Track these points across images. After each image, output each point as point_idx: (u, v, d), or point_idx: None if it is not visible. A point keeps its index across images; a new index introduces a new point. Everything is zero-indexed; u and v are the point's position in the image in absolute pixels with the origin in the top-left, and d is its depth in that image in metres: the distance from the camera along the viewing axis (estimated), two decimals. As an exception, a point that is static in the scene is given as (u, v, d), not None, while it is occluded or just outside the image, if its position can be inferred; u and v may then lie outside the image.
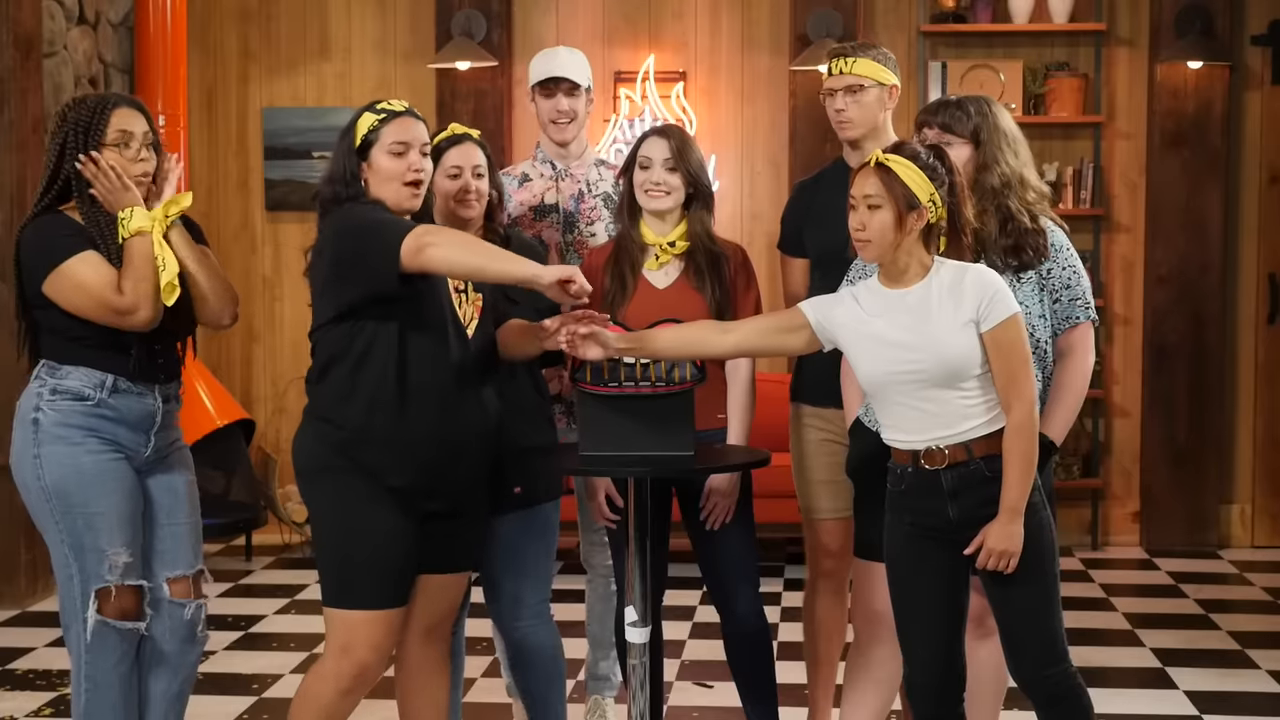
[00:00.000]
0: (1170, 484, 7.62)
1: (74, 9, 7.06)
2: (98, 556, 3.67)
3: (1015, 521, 3.35)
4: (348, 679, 3.56)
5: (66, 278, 3.62)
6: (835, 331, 3.50)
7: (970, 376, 3.37)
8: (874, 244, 3.39)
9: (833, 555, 4.21)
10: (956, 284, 3.38)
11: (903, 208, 3.36)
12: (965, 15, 7.63)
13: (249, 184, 7.99)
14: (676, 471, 3.86)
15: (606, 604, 4.63)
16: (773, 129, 7.74)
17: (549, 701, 4.01)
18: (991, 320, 3.35)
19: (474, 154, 3.95)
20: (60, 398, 3.68)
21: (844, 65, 4.10)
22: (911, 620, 3.49)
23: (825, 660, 4.34)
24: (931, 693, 3.50)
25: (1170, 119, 7.51)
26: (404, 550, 3.55)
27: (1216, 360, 7.62)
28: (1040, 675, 3.45)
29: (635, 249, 4.06)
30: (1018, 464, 3.35)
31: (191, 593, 3.84)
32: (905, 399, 3.40)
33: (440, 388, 3.53)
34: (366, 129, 3.58)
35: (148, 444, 3.76)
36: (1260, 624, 6.26)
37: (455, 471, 3.57)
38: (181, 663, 3.85)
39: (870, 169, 3.39)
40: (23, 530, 6.35)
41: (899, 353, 3.38)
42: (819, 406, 4.16)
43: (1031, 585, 3.41)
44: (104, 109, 3.68)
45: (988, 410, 3.39)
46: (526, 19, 7.81)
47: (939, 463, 3.40)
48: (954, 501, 3.40)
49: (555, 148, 4.60)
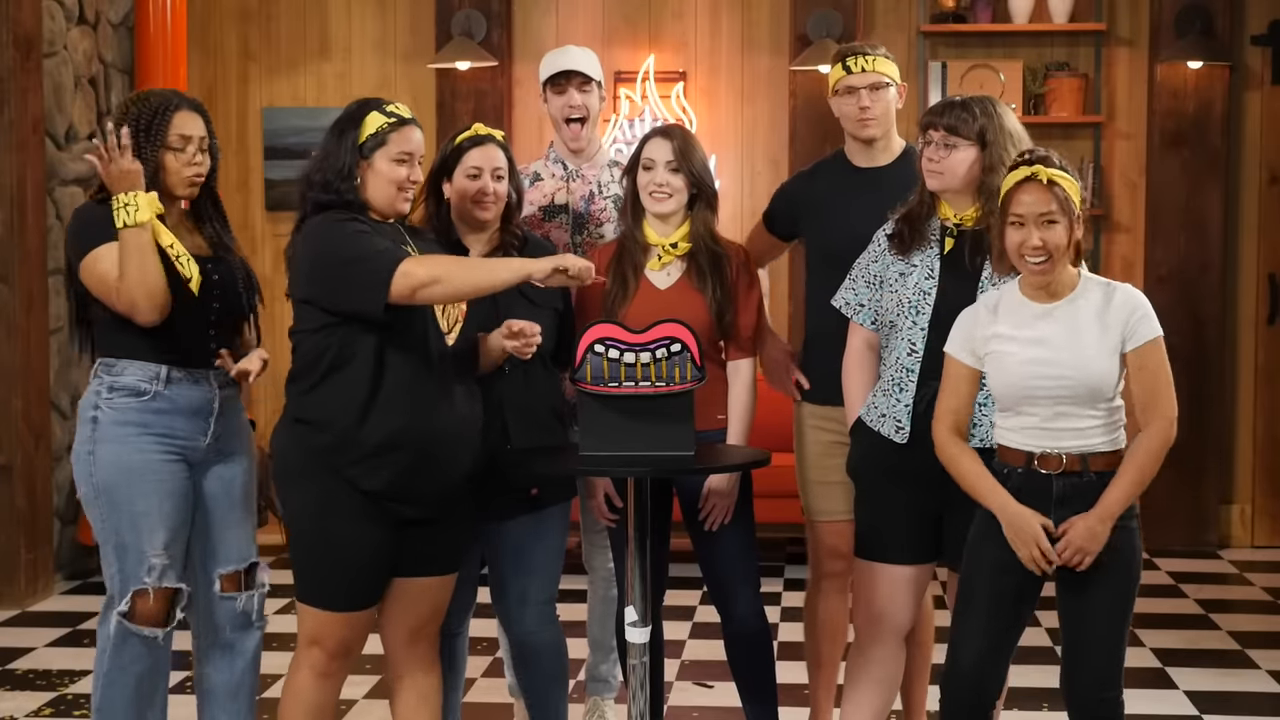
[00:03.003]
0: (1170, 484, 7.57)
1: (74, 9, 7.05)
2: (139, 558, 3.68)
3: (1105, 524, 3.37)
4: (322, 664, 3.59)
5: (90, 268, 3.65)
6: (984, 353, 3.50)
7: (1105, 399, 3.41)
8: (1053, 260, 3.40)
9: (837, 557, 4.21)
10: (1105, 304, 3.41)
11: (1074, 220, 3.39)
12: (965, 15, 7.63)
13: (249, 184, 7.99)
14: (676, 471, 3.86)
15: (607, 606, 4.62)
16: (773, 129, 7.74)
17: (551, 702, 4.00)
18: (1136, 340, 3.40)
19: (496, 155, 3.92)
20: (118, 395, 3.69)
21: (866, 63, 4.10)
22: (969, 614, 3.51)
23: (827, 661, 4.34)
24: (970, 693, 3.50)
25: (1170, 119, 7.51)
26: (375, 556, 3.55)
27: (1216, 360, 7.62)
28: (1097, 696, 3.46)
29: (638, 249, 4.06)
30: (1133, 474, 3.39)
31: (242, 585, 3.86)
32: (1038, 411, 3.42)
33: (418, 394, 3.51)
34: (375, 129, 3.57)
35: (207, 431, 3.76)
36: (1260, 624, 6.26)
37: (432, 478, 3.55)
38: (239, 650, 3.87)
39: (1041, 185, 3.39)
40: (23, 530, 6.36)
41: (1043, 368, 3.40)
42: (825, 405, 4.16)
43: (1110, 603, 3.43)
44: (166, 110, 3.69)
45: (1110, 430, 3.43)
46: (526, 19, 7.81)
47: (1054, 468, 3.42)
48: (1059, 509, 3.41)
49: (567, 149, 4.59)
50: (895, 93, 4.15)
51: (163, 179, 3.69)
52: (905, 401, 3.73)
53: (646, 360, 3.64)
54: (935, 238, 3.77)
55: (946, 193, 3.74)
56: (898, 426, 3.74)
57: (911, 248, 3.78)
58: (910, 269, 3.77)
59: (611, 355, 3.66)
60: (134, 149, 3.62)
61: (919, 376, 3.72)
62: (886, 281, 3.82)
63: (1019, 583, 3.46)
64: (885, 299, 3.81)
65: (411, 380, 3.51)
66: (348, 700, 5.18)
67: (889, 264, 3.82)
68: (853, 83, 4.11)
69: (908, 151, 4.20)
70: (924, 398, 3.70)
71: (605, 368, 3.65)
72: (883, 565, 3.82)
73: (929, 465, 3.65)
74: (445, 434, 3.56)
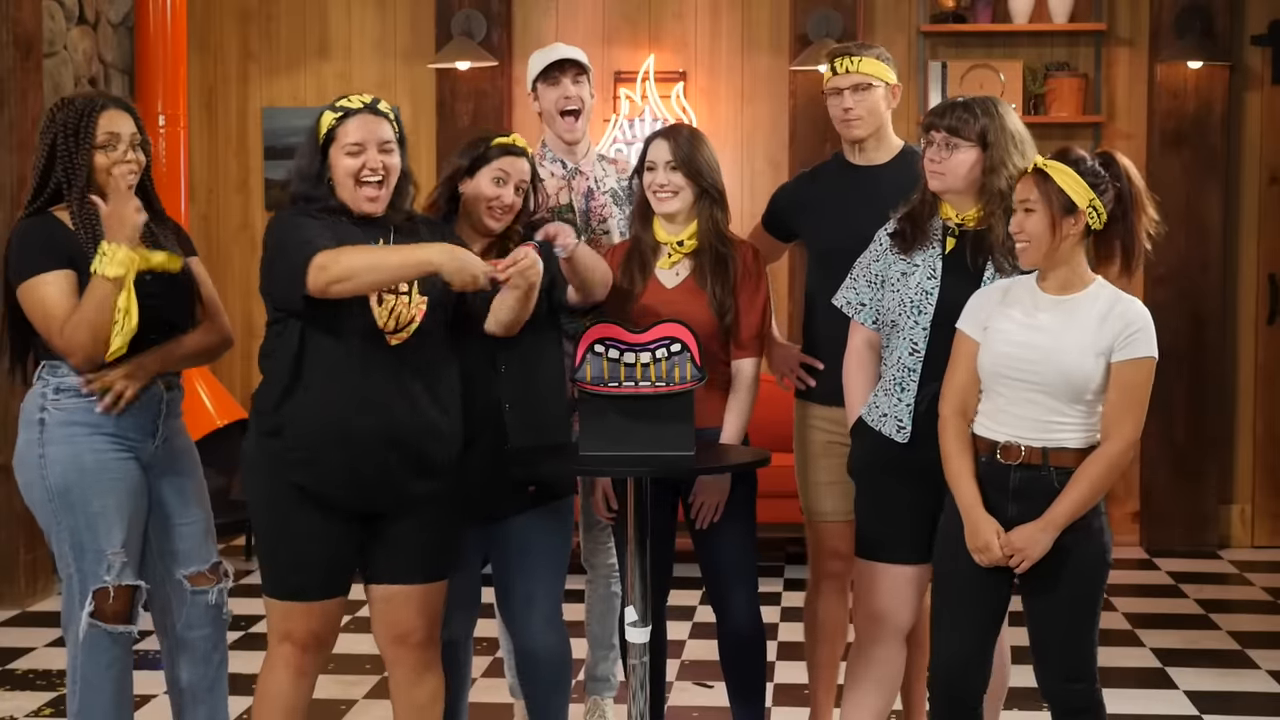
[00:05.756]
0: (1170, 484, 7.62)
1: (74, 9, 7.06)
2: (97, 557, 3.68)
3: (1048, 532, 3.40)
4: (295, 660, 3.58)
5: (30, 294, 3.64)
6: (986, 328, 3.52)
7: (1083, 400, 3.41)
8: (1030, 247, 3.43)
9: (838, 557, 4.21)
10: (1109, 309, 3.42)
11: (1057, 212, 3.39)
12: (965, 15, 7.63)
13: (249, 184, 7.99)
14: (676, 472, 3.86)
15: (607, 604, 4.62)
16: (773, 129, 7.74)
17: (552, 708, 3.97)
18: (1126, 353, 3.40)
19: (525, 169, 3.88)
20: (64, 395, 3.69)
21: (850, 64, 4.10)
22: (945, 608, 3.54)
23: (827, 661, 4.34)
24: (951, 686, 3.53)
25: (1170, 119, 7.51)
26: (327, 547, 3.53)
27: (1216, 360, 7.62)
28: (1064, 687, 3.49)
29: (648, 248, 4.07)
30: (1085, 487, 3.41)
31: (211, 580, 3.88)
32: (1011, 393, 3.44)
33: (341, 389, 3.47)
34: (326, 128, 3.57)
35: (155, 433, 3.77)
36: (1260, 624, 6.26)
37: (365, 474, 3.50)
38: (212, 647, 3.89)
39: (1028, 174, 3.44)
40: (23, 530, 6.35)
41: (1024, 350, 3.42)
42: (826, 405, 4.15)
43: (1070, 604, 3.46)
44: (91, 111, 3.68)
45: (1083, 432, 3.43)
46: (526, 19, 7.81)
47: (1013, 459, 3.44)
48: (1015, 501, 3.43)
49: (563, 146, 4.56)
50: (885, 92, 4.14)
51: (96, 179, 3.68)
52: (907, 401, 3.73)
53: (646, 360, 3.65)
54: (937, 237, 3.77)
55: (948, 193, 3.74)
56: (899, 426, 3.74)
57: (913, 247, 3.78)
58: (912, 268, 3.77)
59: (611, 355, 3.67)
60: (64, 153, 3.64)
61: (920, 376, 3.72)
62: (888, 281, 3.81)
63: (987, 576, 3.48)
64: (887, 298, 3.81)
65: (328, 377, 3.47)
66: (347, 700, 5.18)
67: (890, 263, 3.82)
68: (837, 84, 4.13)
69: (906, 151, 4.21)
70: (925, 397, 3.70)
71: (605, 368, 3.65)
72: (884, 565, 3.82)
73: (930, 465, 3.66)
74: (383, 430, 3.48)
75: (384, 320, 3.51)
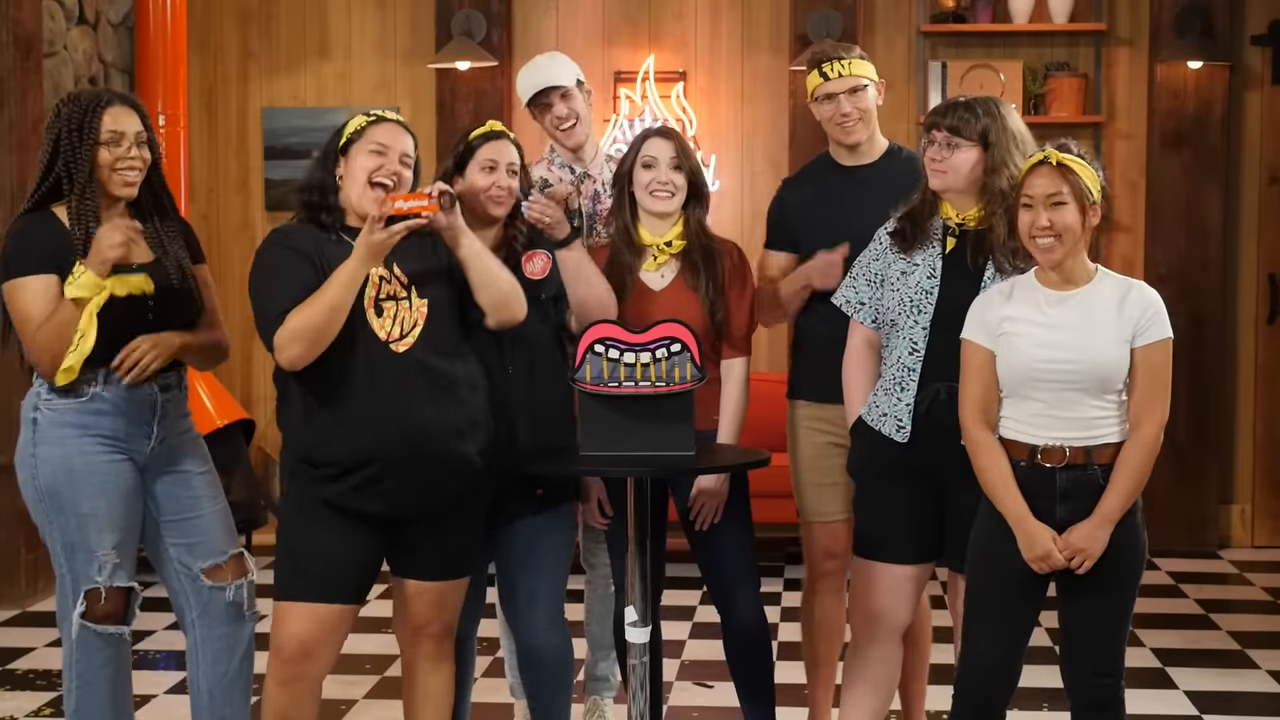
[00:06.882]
0: (1170, 484, 7.61)
1: (74, 9, 7.06)
2: (87, 557, 3.67)
3: (1105, 528, 3.38)
4: (292, 672, 3.55)
5: (13, 295, 3.65)
6: (997, 334, 3.49)
7: (1114, 390, 3.41)
8: (1064, 241, 3.41)
9: (832, 557, 4.22)
10: (1123, 296, 3.43)
11: (1086, 204, 3.40)
12: (965, 15, 7.63)
13: (249, 184, 7.99)
14: (676, 472, 3.86)
15: (606, 604, 4.62)
16: (773, 129, 7.74)
17: (555, 707, 3.97)
18: (1148, 337, 3.42)
19: (510, 151, 3.89)
20: (57, 396, 3.69)
21: (841, 68, 4.11)
22: (981, 615, 3.51)
23: (825, 661, 4.34)
24: (981, 692, 3.51)
25: (1170, 119, 7.51)
26: (341, 553, 3.52)
27: (1216, 360, 7.62)
28: (1093, 681, 3.48)
29: (630, 252, 4.06)
30: (1128, 476, 3.39)
31: (230, 575, 3.84)
32: (1043, 396, 3.42)
33: (355, 405, 3.47)
34: (355, 128, 3.58)
35: (151, 435, 3.75)
36: (1260, 624, 6.26)
37: (384, 483, 3.50)
38: (233, 642, 3.85)
39: (1050, 168, 3.42)
40: (23, 530, 6.35)
41: (1055, 351, 3.40)
42: (818, 403, 4.16)
43: (1108, 599, 3.45)
44: (96, 107, 3.68)
45: (1118, 423, 3.43)
46: (526, 19, 7.81)
47: (1057, 461, 3.42)
48: (1064, 503, 3.42)
49: (569, 152, 4.58)
50: (874, 91, 4.16)
51: (99, 176, 3.68)
52: (906, 401, 3.73)
53: (646, 360, 3.65)
54: (937, 236, 3.77)
55: (949, 192, 3.74)
56: (899, 426, 3.73)
57: (914, 246, 3.78)
58: (912, 267, 3.77)
59: (611, 355, 3.67)
60: (67, 148, 3.65)
61: (920, 376, 3.71)
62: (888, 280, 3.81)
63: (1030, 578, 3.46)
64: (887, 297, 3.81)
65: (340, 394, 3.47)
66: (347, 700, 5.18)
67: (890, 262, 3.82)
68: (831, 89, 4.12)
69: (892, 149, 4.24)
70: (925, 397, 3.69)
71: (605, 368, 3.65)
72: (882, 565, 3.81)
73: (930, 465, 3.66)
74: (395, 438, 3.48)
75: (388, 329, 3.51)
